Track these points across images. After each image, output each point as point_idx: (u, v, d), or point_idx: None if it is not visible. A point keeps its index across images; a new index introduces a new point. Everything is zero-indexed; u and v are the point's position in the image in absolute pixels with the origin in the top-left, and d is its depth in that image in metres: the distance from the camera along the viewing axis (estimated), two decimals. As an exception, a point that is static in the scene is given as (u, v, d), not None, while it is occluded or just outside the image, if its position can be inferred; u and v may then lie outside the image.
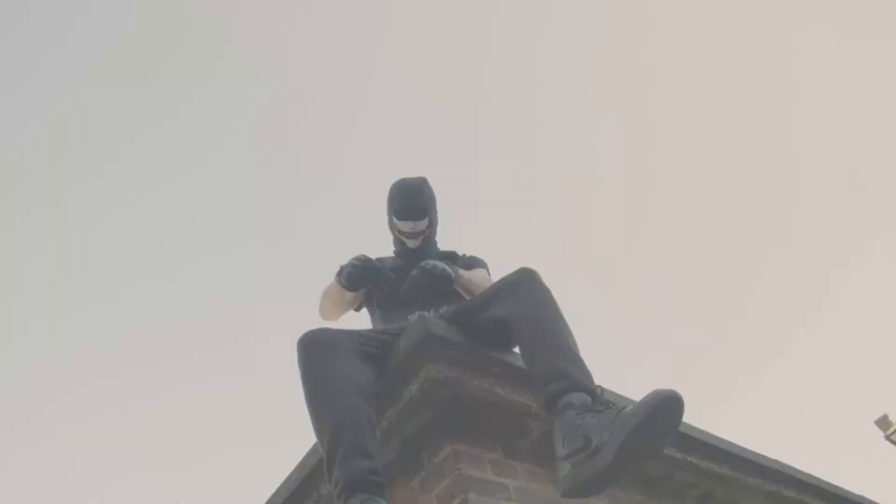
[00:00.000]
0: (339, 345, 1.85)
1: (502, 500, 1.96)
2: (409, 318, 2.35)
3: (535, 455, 2.19)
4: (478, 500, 1.88)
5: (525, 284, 1.94)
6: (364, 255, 2.46)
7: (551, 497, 2.13)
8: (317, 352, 1.82)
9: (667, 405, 1.41)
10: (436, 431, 2.03)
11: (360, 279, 2.43)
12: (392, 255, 2.76)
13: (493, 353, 2.03)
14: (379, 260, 2.63)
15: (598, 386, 1.63)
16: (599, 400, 1.57)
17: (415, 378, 1.95)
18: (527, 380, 2.02)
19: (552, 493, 2.15)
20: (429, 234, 2.69)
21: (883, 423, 25.35)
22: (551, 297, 1.91)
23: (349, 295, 2.57)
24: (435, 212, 2.71)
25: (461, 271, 2.43)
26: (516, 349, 1.99)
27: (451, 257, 2.72)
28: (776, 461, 3.16)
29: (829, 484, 3.52)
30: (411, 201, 2.63)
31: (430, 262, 2.31)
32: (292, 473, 2.32)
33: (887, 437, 24.79)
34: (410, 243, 2.66)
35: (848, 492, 3.67)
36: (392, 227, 2.69)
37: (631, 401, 1.64)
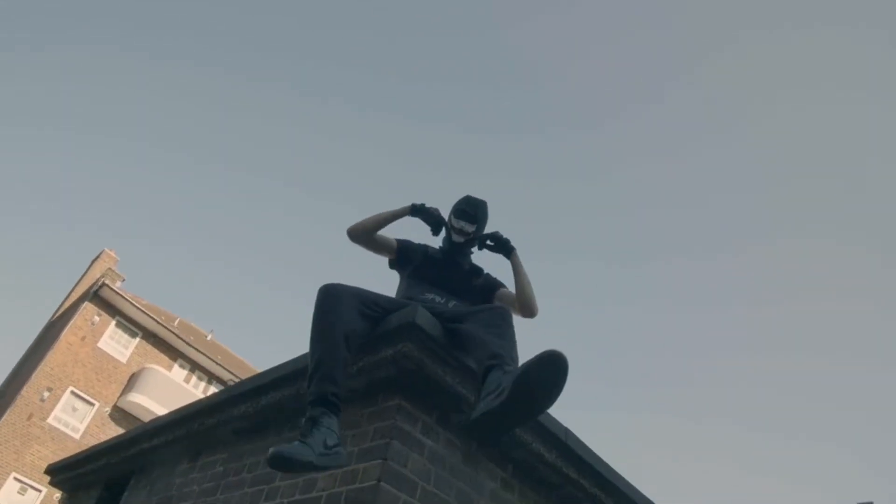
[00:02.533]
0: (346, 300, 2.51)
1: (415, 454, 2.65)
2: (426, 295, 3.03)
3: (458, 431, 2.86)
4: (398, 446, 2.59)
5: (497, 316, 2.59)
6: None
7: (455, 463, 2.82)
8: (328, 299, 2.50)
9: (549, 358, 1.97)
10: (392, 385, 2.71)
11: (433, 220, 3.26)
12: (438, 247, 3.42)
13: (454, 352, 2.66)
14: (426, 246, 3.36)
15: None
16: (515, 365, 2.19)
17: (392, 346, 2.61)
18: (471, 378, 2.69)
19: (459, 461, 2.85)
20: (472, 239, 3.32)
21: (865, 515, 25.43)
22: (511, 327, 2.54)
23: (392, 241, 3.31)
24: (483, 227, 3.35)
25: (520, 262, 3.22)
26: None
27: (479, 271, 3.38)
28: (659, 511, 3.78)
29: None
30: (471, 208, 3.29)
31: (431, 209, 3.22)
32: (288, 363, 3.08)
33: (861, 529, 24.95)
34: (456, 237, 3.30)
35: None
36: (448, 221, 3.34)
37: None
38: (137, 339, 24.90)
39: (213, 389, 26.88)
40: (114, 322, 24.22)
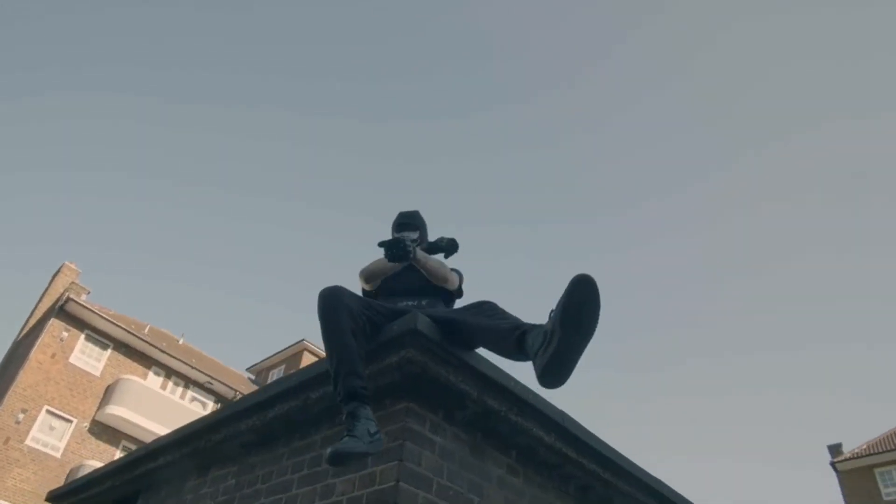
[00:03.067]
0: (346, 298, 2.66)
1: (427, 451, 2.80)
2: (400, 304, 3.18)
3: (463, 425, 3.01)
4: (411, 447, 2.73)
5: (491, 308, 2.76)
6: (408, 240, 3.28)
7: (464, 456, 2.97)
8: (330, 301, 2.64)
9: (579, 283, 2.13)
10: (399, 389, 2.84)
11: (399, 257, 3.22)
12: None
13: (454, 351, 2.79)
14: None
15: (551, 311, 2.36)
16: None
17: (396, 352, 2.73)
18: (471, 375, 2.83)
19: (467, 454, 3.00)
20: (418, 244, 3.57)
21: (835, 450, 26.47)
22: (505, 311, 2.72)
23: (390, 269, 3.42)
24: (425, 231, 3.70)
25: (420, 253, 3.29)
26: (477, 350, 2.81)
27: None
28: (655, 479, 3.99)
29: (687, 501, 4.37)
30: (408, 219, 3.69)
31: (403, 236, 3.25)
32: (293, 375, 3.19)
33: (832, 463, 25.99)
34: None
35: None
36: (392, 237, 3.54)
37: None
38: (109, 351, 24.60)
39: (190, 394, 26.75)
40: (83, 336, 23.88)
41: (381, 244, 3.20)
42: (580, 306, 2.13)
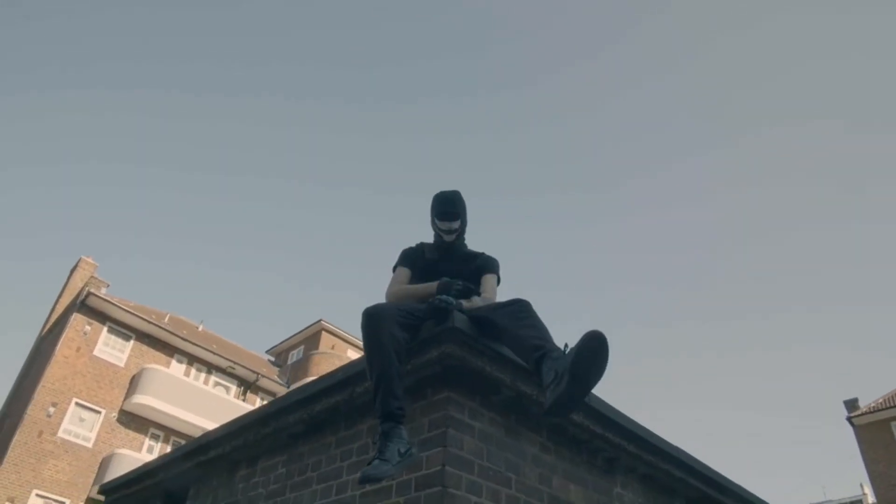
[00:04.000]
0: (388, 317, 2.82)
1: (467, 436, 3.04)
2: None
3: (498, 409, 3.25)
4: (453, 433, 2.97)
5: (520, 303, 2.89)
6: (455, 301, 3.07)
7: (500, 438, 3.21)
8: (373, 321, 2.80)
9: (592, 339, 2.33)
10: (440, 380, 3.08)
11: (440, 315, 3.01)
12: (432, 242, 3.67)
13: (488, 343, 3.01)
14: (421, 245, 3.65)
15: (565, 344, 2.58)
16: (563, 351, 2.52)
17: (436, 348, 2.96)
18: (504, 363, 3.06)
19: (503, 436, 3.24)
20: (460, 232, 3.59)
21: (851, 405, 26.70)
22: (536, 315, 2.85)
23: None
24: (465, 216, 3.58)
25: (465, 303, 3.14)
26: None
27: (471, 257, 3.60)
28: (676, 448, 4.24)
29: (712, 471, 4.62)
30: (449, 206, 3.51)
31: (441, 296, 3.04)
32: (338, 371, 3.43)
33: (848, 418, 26.24)
34: (446, 237, 3.57)
35: (722, 476, 4.78)
36: (433, 225, 3.59)
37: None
38: (132, 342, 25.04)
39: (213, 379, 27.24)
40: (105, 329, 24.31)
41: (431, 304, 3.04)
42: (589, 361, 2.33)
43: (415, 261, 3.61)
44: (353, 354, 31.54)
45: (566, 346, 2.50)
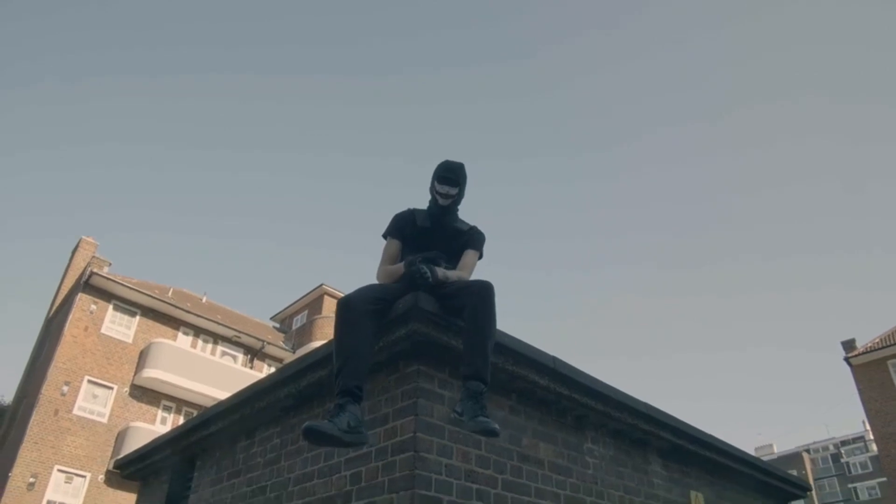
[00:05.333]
0: (359, 308, 3.07)
1: (437, 404, 3.34)
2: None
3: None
4: (423, 402, 3.27)
5: (482, 292, 3.15)
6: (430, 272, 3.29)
7: (471, 404, 3.52)
8: (345, 311, 3.05)
9: (490, 432, 2.70)
10: (410, 354, 3.38)
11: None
12: (425, 209, 3.78)
13: (451, 319, 3.28)
14: (412, 211, 3.77)
15: (485, 384, 2.90)
16: (482, 393, 2.84)
17: (404, 326, 3.25)
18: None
19: (472, 401, 3.54)
20: (455, 200, 3.71)
21: (849, 345, 27.15)
22: (492, 305, 3.11)
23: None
24: (464, 188, 3.69)
25: (441, 273, 3.36)
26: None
27: (461, 232, 3.74)
28: (643, 403, 4.56)
29: (682, 423, 4.95)
30: (451, 173, 3.63)
31: (422, 266, 3.27)
32: (319, 349, 3.73)
33: (846, 359, 26.71)
34: (442, 201, 3.69)
35: (693, 427, 5.11)
36: (432, 188, 3.71)
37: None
38: (137, 318, 25.43)
39: (220, 349, 27.72)
40: (111, 306, 24.68)
41: (405, 268, 3.34)
42: (482, 433, 2.78)
43: (404, 228, 3.73)
44: (357, 319, 31.92)
45: (486, 386, 2.89)
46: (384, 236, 3.78)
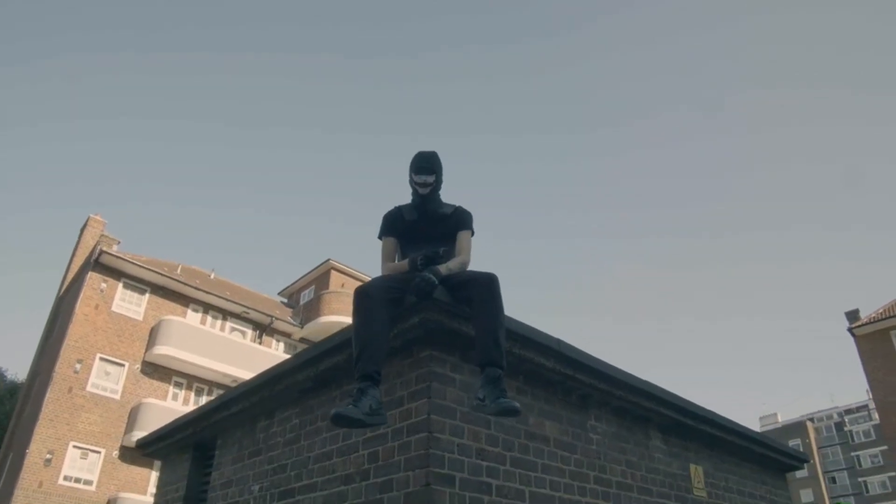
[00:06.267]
0: (377, 297, 3.28)
1: (450, 387, 3.55)
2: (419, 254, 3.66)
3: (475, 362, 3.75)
4: (437, 385, 3.48)
5: (489, 285, 3.34)
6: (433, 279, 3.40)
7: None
8: (362, 300, 3.26)
9: (511, 410, 2.93)
10: (423, 340, 3.58)
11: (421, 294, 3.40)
12: (410, 203, 3.96)
13: (461, 307, 3.46)
14: (399, 208, 3.95)
15: (502, 369, 3.11)
16: (500, 378, 3.05)
17: (417, 315, 3.44)
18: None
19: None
20: (435, 187, 3.90)
21: (852, 316, 27.36)
22: (499, 296, 3.31)
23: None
24: (441, 174, 3.88)
25: (442, 269, 3.52)
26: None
27: (446, 216, 3.89)
28: (644, 381, 4.77)
29: (683, 400, 5.16)
30: (425, 162, 3.83)
31: (423, 276, 3.39)
32: (336, 335, 3.93)
33: (849, 329, 26.94)
34: (422, 191, 3.87)
35: (693, 404, 5.33)
36: (411, 181, 3.89)
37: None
38: (147, 295, 25.77)
39: (229, 325, 28.08)
40: (121, 284, 25.00)
41: (413, 285, 3.39)
42: (503, 413, 2.98)
43: (395, 224, 3.92)
44: (364, 293, 32.18)
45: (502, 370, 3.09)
46: (379, 237, 3.98)
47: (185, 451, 5.96)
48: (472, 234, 3.96)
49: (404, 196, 4.02)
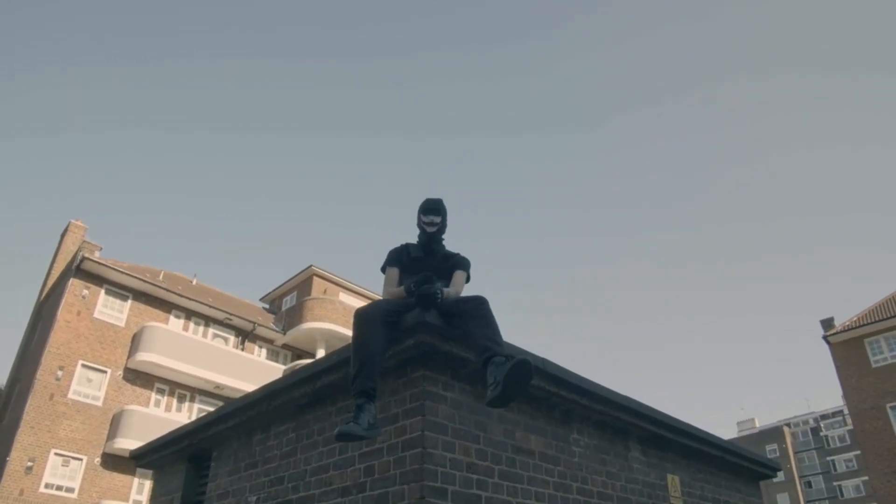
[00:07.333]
0: (375, 319, 3.51)
1: (441, 405, 3.77)
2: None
3: (466, 380, 3.98)
4: (429, 403, 3.70)
5: (481, 302, 3.58)
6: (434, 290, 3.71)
7: (471, 404, 3.95)
8: (362, 321, 3.50)
9: (522, 365, 3.10)
10: (417, 361, 3.80)
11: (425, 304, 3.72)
12: (416, 242, 4.34)
13: (453, 331, 3.69)
14: (406, 245, 4.31)
15: (508, 354, 3.31)
16: (504, 358, 3.26)
17: (413, 337, 3.67)
18: (468, 347, 3.77)
19: (471, 401, 3.97)
20: (440, 228, 4.28)
21: (827, 324, 27.91)
22: (489, 312, 3.55)
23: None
24: (446, 218, 4.30)
25: (445, 292, 3.84)
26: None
27: (448, 257, 4.28)
28: (623, 396, 5.02)
29: (661, 413, 5.42)
30: (433, 205, 4.30)
31: (436, 286, 3.73)
32: (333, 354, 4.14)
33: (824, 337, 27.48)
34: (429, 229, 4.26)
35: (671, 417, 5.59)
36: (419, 221, 4.28)
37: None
38: (129, 302, 25.71)
39: (211, 331, 28.08)
40: (103, 291, 24.93)
41: (413, 292, 3.74)
42: (517, 379, 3.11)
43: (399, 258, 4.28)
44: (346, 298, 32.35)
45: (508, 357, 3.21)
46: (382, 269, 4.32)
47: (180, 462, 6.12)
48: (468, 279, 4.31)
49: (384, 203, 4.35)
